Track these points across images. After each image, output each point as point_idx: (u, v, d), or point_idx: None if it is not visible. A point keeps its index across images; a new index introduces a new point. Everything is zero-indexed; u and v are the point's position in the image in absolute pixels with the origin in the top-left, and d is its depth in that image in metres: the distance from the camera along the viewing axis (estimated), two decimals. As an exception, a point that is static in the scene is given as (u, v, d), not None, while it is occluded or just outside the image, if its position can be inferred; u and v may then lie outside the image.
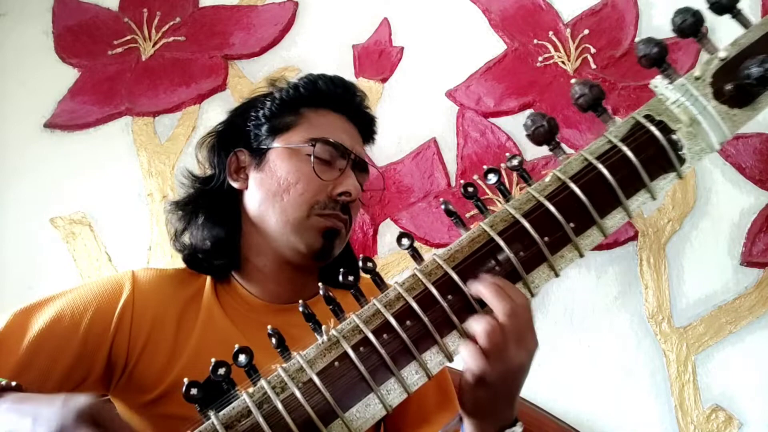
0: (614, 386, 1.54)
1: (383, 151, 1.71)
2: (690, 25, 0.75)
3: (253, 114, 1.04)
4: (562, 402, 1.53)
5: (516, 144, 1.70)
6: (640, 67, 0.77)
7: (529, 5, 1.78)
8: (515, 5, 1.79)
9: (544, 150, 1.78)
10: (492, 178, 0.72)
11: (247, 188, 1.01)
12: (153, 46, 1.93)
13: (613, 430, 1.52)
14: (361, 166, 1.03)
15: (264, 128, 1.01)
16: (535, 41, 1.75)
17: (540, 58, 1.74)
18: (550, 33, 1.75)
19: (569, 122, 1.68)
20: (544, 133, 0.73)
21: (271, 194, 0.97)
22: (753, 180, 1.59)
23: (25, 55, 1.98)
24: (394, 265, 1.67)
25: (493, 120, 1.73)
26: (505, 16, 1.79)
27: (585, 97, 0.73)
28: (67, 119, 1.89)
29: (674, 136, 0.72)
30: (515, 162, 0.72)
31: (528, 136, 0.74)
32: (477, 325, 0.65)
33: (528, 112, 1.72)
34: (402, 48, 1.82)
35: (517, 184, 1.67)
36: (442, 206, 0.71)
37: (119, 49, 1.94)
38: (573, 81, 0.75)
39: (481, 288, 0.66)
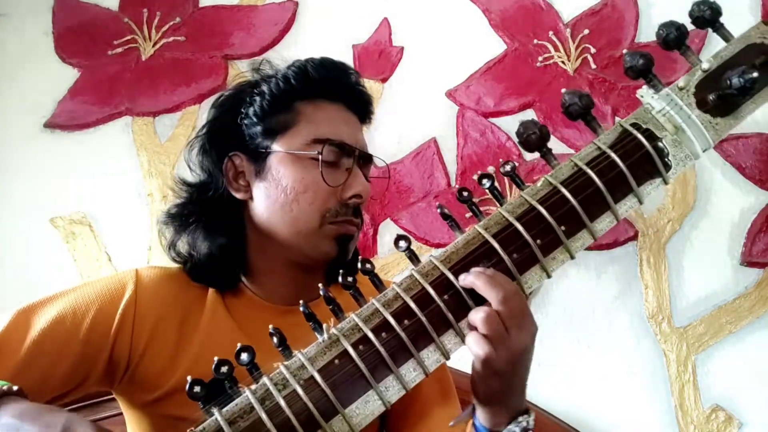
0: (614, 386, 1.54)
1: (383, 151, 1.70)
2: (674, 39, 0.81)
3: (243, 111, 0.97)
4: (562, 402, 1.53)
5: (516, 144, 1.69)
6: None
7: (529, 5, 1.78)
8: (515, 5, 1.79)
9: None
10: (486, 183, 0.75)
11: (251, 198, 0.96)
12: (153, 46, 1.93)
13: (613, 430, 1.52)
14: (367, 158, 1.00)
15: (258, 129, 0.95)
16: (535, 41, 1.75)
17: (540, 58, 1.74)
18: (550, 33, 1.75)
19: (569, 122, 1.66)
20: (535, 140, 0.77)
21: (279, 205, 0.92)
22: (753, 180, 1.59)
23: (25, 55, 1.98)
24: (394, 265, 1.67)
25: (493, 120, 1.73)
26: (505, 16, 1.79)
27: (574, 106, 0.78)
28: (67, 119, 1.90)
29: (660, 144, 0.76)
30: (508, 168, 0.76)
31: (520, 142, 0.78)
32: (475, 315, 0.68)
33: (528, 112, 1.72)
34: (402, 48, 1.83)
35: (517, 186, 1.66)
36: (438, 210, 0.75)
37: (119, 49, 1.94)
38: (563, 90, 0.78)
39: (472, 279, 0.68)
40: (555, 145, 1.68)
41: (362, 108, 1.03)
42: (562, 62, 1.72)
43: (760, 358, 1.50)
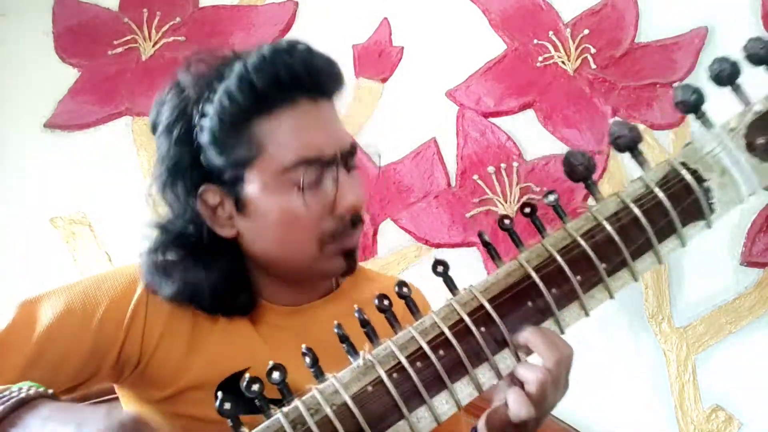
0: (614, 386, 1.54)
1: (383, 151, 1.71)
2: (728, 75, 0.77)
3: (196, 140, 0.84)
4: (562, 402, 1.52)
5: (516, 144, 1.70)
6: (640, 67, 0.79)
7: (529, 5, 1.78)
8: (515, 5, 1.79)
9: (543, 150, 1.78)
10: (527, 210, 0.73)
11: (238, 234, 0.87)
12: (153, 46, 1.93)
13: (613, 430, 1.52)
14: (349, 152, 0.87)
15: (221, 159, 0.82)
16: (535, 41, 1.75)
17: (540, 58, 1.74)
18: (550, 33, 1.75)
19: (569, 122, 1.68)
20: (582, 172, 0.74)
21: (271, 240, 0.86)
22: (753, 180, 1.59)
23: (25, 55, 1.97)
24: (394, 265, 1.67)
25: (493, 120, 1.73)
26: (505, 16, 1.79)
27: (623, 138, 0.75)
28: (67, 119, 1.90)
29: (707, 185, 0.74)
30: (551, 198, 0.72)
31: (566, 173, 0.74)
32: (529, 374, 0.67)
33: (528, 112, 1.72)
34: (402, 48, 1.82)
35: (517, 184, 1.67)
36: (479, 238, 0.72)
37: (119, 49, 1.93)
38: (610, 121, 0.76)
39: (529, 336, 0.67)
40: (555, 145, 1.69)
41: (327, 85, 0.87)
42: (562, 62, 1.72)
43: (760, 358, 1.50)
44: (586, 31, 1.72)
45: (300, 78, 0.83)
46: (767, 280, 1.53)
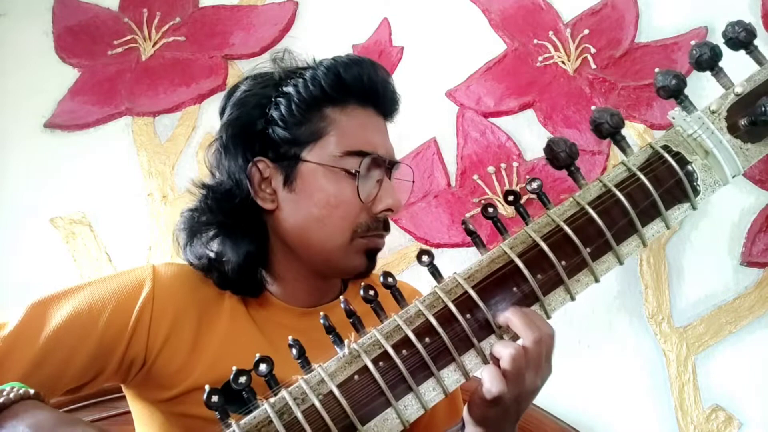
0: (614, 386, 1.54)
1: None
2: (707, 59, 0.78)
3: (268, 113, 0.91)
4: (562, 402, 1.53)
5: (516, 144, 1.69)
6: (640, 67, 0.79)
7: (529, 5, 1.78)
8: (515, 5, 1.79)
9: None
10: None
11: (278, 208, 0.92)
12: (153, 46, 1.93)
13: (613, 430, 1.52)
14: (395, 166, 0.97)
15: (286, 135, 0.90)
16: (535, 41, 1.75)
17: (540, 58, 1.74)
18: (550, 33, 1.75)
19: (569, 122, 1.68)
20: (564, 158, 0.75)
21: (311, 218, 0.89)
22: (753, 180, 1.59)
23: (25, 55, 1.97)
24: (395, 265, 1.67)
25: (493, 120, 1.73)
26: (505, 16, 1.79)
27: (605, 125, 0.76)
28: (67, 119, 1.89)
29: (690, 167, 0.75)
30: (534, 185, 0.73)
31: (548, 159, 0.75)
32: (504, 350, 0.67)
33: (528, 112, 1.72)
34: (402, 48, 1.82)
35: (517, 184, 1.67)
36: (463, 225, 0.73)
37: (119, 49, 1.93)
38: (593, 108, 0.77)
39: (510, 315, 0.67)
40: (555, 145, 1.69)
41: (390, 107, 1.00)
42: (562, 62, 1.72)
43: (760, 358, 1.50)
44: (586, 31, 1.72)
45: (376, 90, 0.94)
46: (767, 280, 1.53)
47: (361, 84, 0.92)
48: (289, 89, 0.91)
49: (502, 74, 1.75)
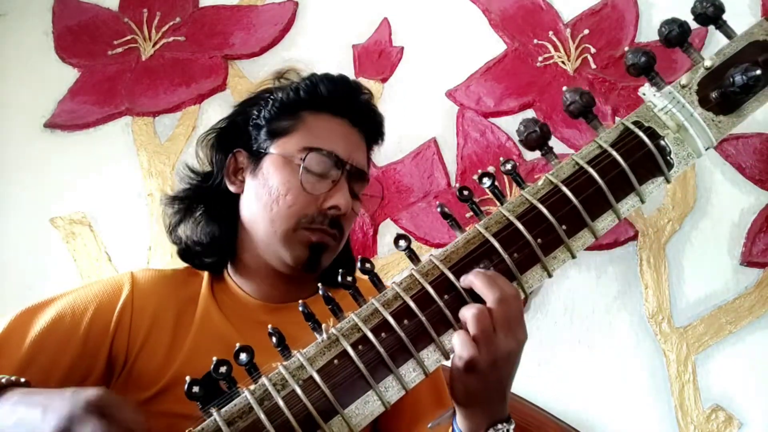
0: (614, 386, 1.54)
1: (383, 151, 1.70)
2: (676, 36, 0.80)
3: (254, 113, 1.02)
4: (562, 402, 1.53)
5: (516, 144, 1.70)
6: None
7: (529, 5, 1.78)
8: (515, 5, 1.79)
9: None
10: (486, 182, 0.75)
11: (242, 192, 1.02)
12: (153, 46, 1.93)
13: (613, 430, 1.52)
14: (359, 174, 1.01)
15: (263, 131, 1.00)
16: (535, 41, 1.75)
17: (540, 58, 1.74)
18: (550, 33, 1.75)
19: (569, 122, 1.68)
20: (536, 138, 0.77)
21: (262, 203, 0.97)
22: (753, 180, 1.59)
23: (25, 55, 1.98)
24: (394, 265, 1.67)
25: (493, 120, 1.73)
26: (505, 16, 1.79)
27: (576, 104, 0.77)
28: (67, 119, 1.90)
29: (662, 142, 0.76)
30: (509, 166, 0.76)
31: (521, 141, 0.77)
32: (467, 311, 0.67)
33: (528, 112, 1.72)
34: (402, 48, 1.83)
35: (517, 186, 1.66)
36: (438, 209, 0.74)
37: (119, 49, 1.94)
38: (564, 89, 0.78)
39: (472, 278, 0.68)
40: (555, 144, 1.67)
41: (369, 127, 1.07)
42: (562, 62, 1.72)
43: (760, 358, 1.50)
44: (586, 31, 1.72)
45: (352, 106, 1.03)
46: (767, 280, 1.53)
47: (335, 94, 1.01)
48: (278, 95, 1.02)
49: (502, 74, 1.75)
